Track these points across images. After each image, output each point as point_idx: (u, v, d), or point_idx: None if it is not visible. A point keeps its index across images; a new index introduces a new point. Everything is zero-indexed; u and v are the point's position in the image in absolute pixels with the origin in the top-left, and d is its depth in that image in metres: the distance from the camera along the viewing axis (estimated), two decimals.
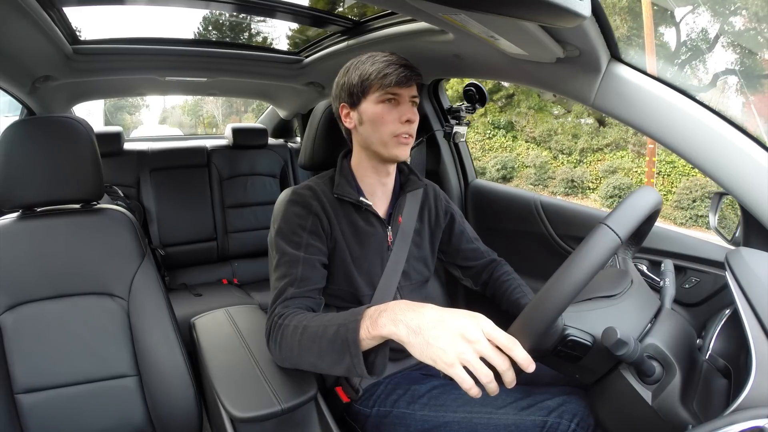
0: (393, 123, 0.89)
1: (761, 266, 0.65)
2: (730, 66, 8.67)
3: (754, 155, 0.76)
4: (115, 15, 17.61)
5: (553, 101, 10.41)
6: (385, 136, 0.90)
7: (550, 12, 0.56)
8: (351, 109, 0.93)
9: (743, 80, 8.23)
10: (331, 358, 0.70)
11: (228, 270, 2.18)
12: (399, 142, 0.90)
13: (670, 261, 0.82)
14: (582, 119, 10.21)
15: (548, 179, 9.77)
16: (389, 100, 0.89)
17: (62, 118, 0.98)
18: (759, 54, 8.21)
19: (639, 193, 0.65)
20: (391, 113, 0.89)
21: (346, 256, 0.93)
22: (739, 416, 0.53)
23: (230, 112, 20.27)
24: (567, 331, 0.65)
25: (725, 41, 8.71)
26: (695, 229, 7.40)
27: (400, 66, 0.88)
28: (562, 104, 10.49)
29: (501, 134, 10.97)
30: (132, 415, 0.94)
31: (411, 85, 0.90)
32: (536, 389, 0.84)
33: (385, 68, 0.87)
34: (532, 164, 9.96)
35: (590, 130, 9.89)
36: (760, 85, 8.22)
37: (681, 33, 8.92)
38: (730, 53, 8.84)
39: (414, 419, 0.86)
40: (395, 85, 0.87)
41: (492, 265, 1.10)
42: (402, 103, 0.90)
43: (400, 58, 0.90)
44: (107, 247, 0.98)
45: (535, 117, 10.53)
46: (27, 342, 0.90)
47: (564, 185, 9.39)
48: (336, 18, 1.40)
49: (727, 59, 8.94)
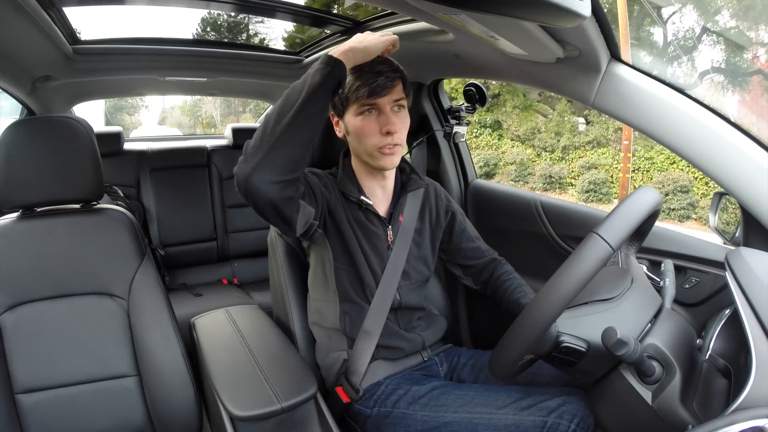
0: (374, 135, 0.89)
1: (761, 266, 0.65)
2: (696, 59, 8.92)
3: (754, 155, 0.76)
4: (115, 15, 17.61)
5: (538, 100, 10.74)
6: (369, 148, 0.90)
7: (550, 12, 0.55)
8: (339, 119, 0.94)
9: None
10: (294, 100, 0.76)
11: (228, 270, 2.18)
12: (383, 154, 0.90)
13: (670, 261, 0.82)
14: (575, 117, 10.48)
15: (528, 175, 10.17)
16: (368, 110, 0.89)
17: (62, 118, 0.98)
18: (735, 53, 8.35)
19: (636, 196, 0.65)
20: (371, 125, 0.89)
21: (352, 238, 0.94)
22: (739, 416, 0.53)
23: (228, 113, 20.33)
24: (561, 338, 0.65)
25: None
26: (668, 222, 7.54)
27: (374, 74, 0.86)
28: (548, 104, 10.76)
29: (487, 133, 11.30)
30: (132, 415, 0.94)
31: (390, 92, 0.88)
32: (536, 389, 0.84)
33: (356, 80, 0.86)
34: (512, 161, 10.39)
35: (584, 129, 10.15)
36: (745, 83, 8.30)
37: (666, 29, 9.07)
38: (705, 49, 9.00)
39: (414, 420, 0.86)
40: (369, 96, 0.86)
41: (492, 264, 1.10)
42: (383, 112, 0.89)
43: (375, 65, 0.86)
44: (107, 247, 0.98)
45: (520, 116, 10.86)
46: (27, 342, 0.90)
47: (543, 181, 9.78)
48: (336, 18, 1.40)
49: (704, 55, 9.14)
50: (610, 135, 9.64)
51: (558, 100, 10.57)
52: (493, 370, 0.68)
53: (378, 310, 0.95)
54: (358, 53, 0.81)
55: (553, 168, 9.78)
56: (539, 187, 9.66)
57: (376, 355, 0.96)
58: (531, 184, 9.92)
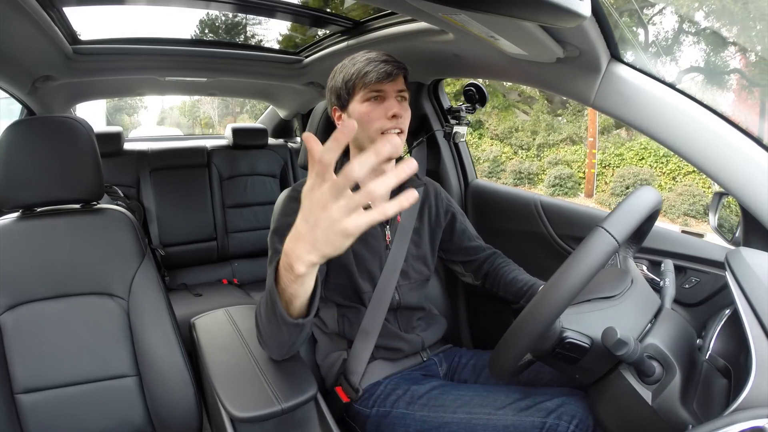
0: (379, 119, 0.89)
1: (761, 266, 0.65)
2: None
3: (754, 155, 0.76)
4: (115, 15, 17.59)
5: (517, 101, 11.27)
6: (373, 133, 0.90)
7: (550, 12, 0.56)
8: (341, 112, 0.94)
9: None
10: (270, 318, 0.70)
11: (228, 270, 2.18)
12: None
13: (670, 261, 0.82)
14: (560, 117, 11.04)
15: (500, 171, 10.82)
16: (374, 97, 0.90)
17: (62, 118, 0.98)
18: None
19: (638, 194, 0.65)
20: (376, 110, 0.89)
21: (348, 253, 0.93)
22: (739, 416, 0.53)
23: (226, 113, 20.41)
24: (565, 333, 0.65)
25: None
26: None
27: (381, 62, 0.88)
28: (527, 104, 11.28)
29: (469, 132, 11.59)
30: (132, 415, 0.94)
31: (395, 80, 0.90)
32: (535, 390, 0.84)
33: (365, 67, 0.88)
34: (486, 158, 11.07)
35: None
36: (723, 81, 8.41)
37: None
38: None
39: (413, 420, 0.86)
40: (376, 81, 0.87)
41: (492, 256, 1.11)
42: (387, 99, 0.90)
43: (381, 55, 0.90)
44: (107, 247, 0.98)
45: (499, 116, 11.39)
46: (27, 342, 0.90)
47: (513, 176, 10.38)
48: (336, 18, 1.40)
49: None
50: (582, 133, 10.15)
51: (536, 100, 11.07)
52: (495, 367, 0.68)
53: (376, 309, 0.95)
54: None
55: (523, 164, 10.32)
56: (510, 182, 10.25)
57: (375, 355, 0.96)
58: (503, 179, 10.54)
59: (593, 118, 9.29)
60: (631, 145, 9.30)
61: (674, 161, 8.66)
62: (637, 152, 9.14)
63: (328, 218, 0.51)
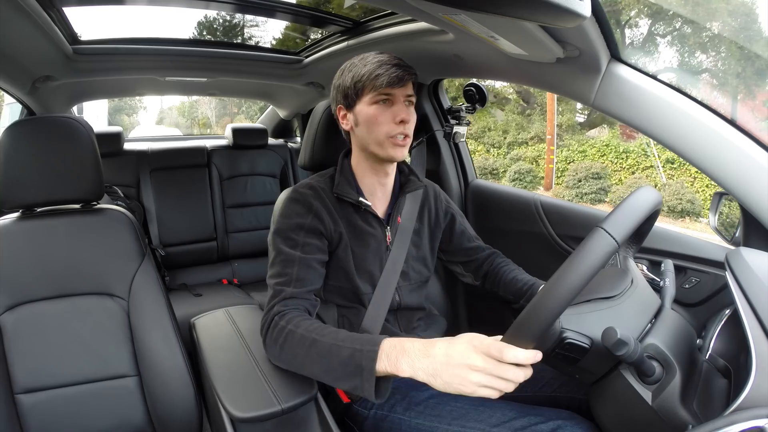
0: (387, 124, 0.89)
1: (761, 266, 0.65)
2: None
3: (754, 155, 0.76)
4: (115, 15, 17.60)
5: (492, 102, 11.64)
6: (380, 136, 0.89)
7: (550, 12, 0.56)
8: (347, 111, 0.94)
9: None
10: (339, 376, 0.73)
11: (228, 270, 2.18)
12: (395, 144, 0.90)
13: (670, 261, 0.82)
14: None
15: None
16: (383, 101, 0.89)
17: (62, 118, 0.98)
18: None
19: (637, 194, 0.64)
20: (384, 114, 0.89)
21: (348, 254, 0.93)
22: (739, 416, 0.53)
23: (223, 114, 20.49)
24: (564, 334, 0.64)
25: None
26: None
27: (392, 66, 0.87)
28: (500, 105, 11.73)
29: None
30: (132, 415, 0.94)
31: (405, 85, 0.89)
32: (533, 410, 0.82)
33: (376, 69, 0.87)
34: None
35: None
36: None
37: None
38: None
39: (409, 426, 0.86)
40: (387, 85, 0.87)
41: (492, 256, 1.11)
42: (396, 104, 0.90)
43: (392, 58, 0.89)
44: (107, 247, 0.98)
45: (474, 116, 11.52)
46: (27, 342, 0.90)
47: (480, 171, 11.61)
48: (336, 18, 1.40)
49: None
50: (548, 131, 10.64)
51: (510, 101, 11.57)
52: None
53: (376, 310, 0.95)
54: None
55: (488, 161, 10.84)
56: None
57: None
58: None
59: (551, 117, 9.84)
60: (593, 143, 9.94)
61: (633, 157, 9.13)
62: (599, 149, 9.69)
63: (465, 375, 0.64)
